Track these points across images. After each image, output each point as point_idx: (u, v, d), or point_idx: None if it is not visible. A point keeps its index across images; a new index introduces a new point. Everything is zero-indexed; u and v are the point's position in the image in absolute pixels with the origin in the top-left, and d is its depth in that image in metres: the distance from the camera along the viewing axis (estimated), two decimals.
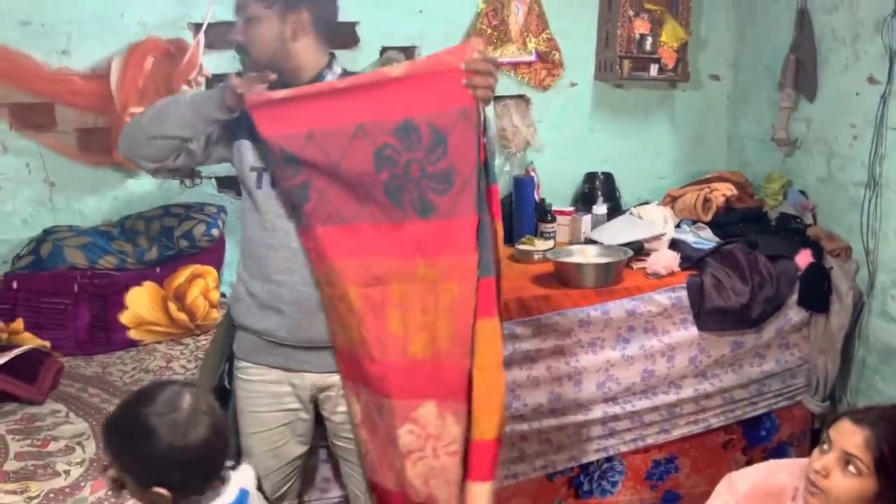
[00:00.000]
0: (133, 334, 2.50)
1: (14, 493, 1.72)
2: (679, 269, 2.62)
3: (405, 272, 1.72)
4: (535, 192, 3.03)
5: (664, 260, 2.60)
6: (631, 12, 3.04)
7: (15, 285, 2.46)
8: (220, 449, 1.44)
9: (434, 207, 1.67)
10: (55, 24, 2.58)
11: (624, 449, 2.63)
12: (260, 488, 1.60)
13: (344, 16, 2.16)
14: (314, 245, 1.79)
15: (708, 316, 2.55)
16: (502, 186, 3.07)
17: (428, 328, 1.72)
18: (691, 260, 2.66)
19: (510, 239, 2.92)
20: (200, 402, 1.40)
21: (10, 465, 1.83)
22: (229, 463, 1.52)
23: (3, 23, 2.53)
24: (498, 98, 3.10)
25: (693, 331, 2.56)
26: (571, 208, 3.06)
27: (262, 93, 1.74)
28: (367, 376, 1.79)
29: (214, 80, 2.72)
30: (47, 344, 2.42)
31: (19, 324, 2.43)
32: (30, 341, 2.40)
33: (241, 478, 1.56)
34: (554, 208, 2.97)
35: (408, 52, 2.95)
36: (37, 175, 2.67)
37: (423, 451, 1.74)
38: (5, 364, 2.16)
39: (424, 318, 1.72)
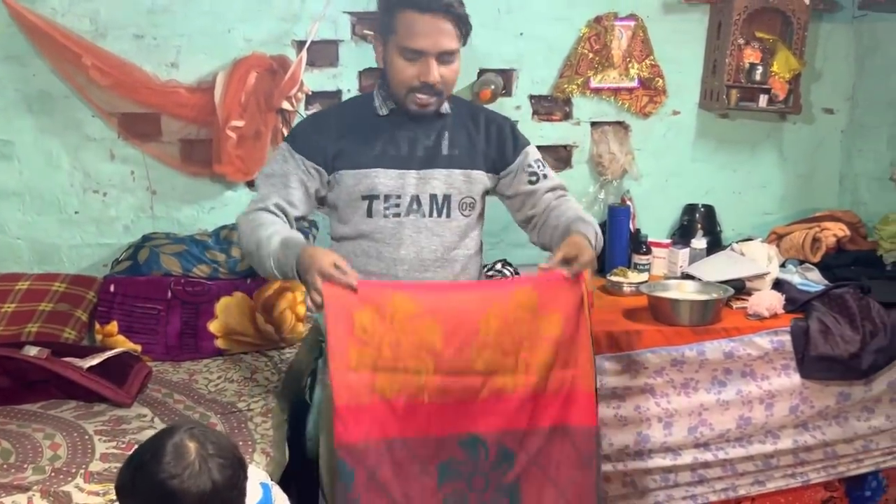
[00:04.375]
0: (220, 343, 2.53)
1: (97, 494, 1.75)
2: (783, 312, 2.46)
3: None
4: (631, 223, 2.93)
5: (767, 301, 2.45)
6: (741, 40, 2.91)
7: (112, 289, 2.54)
8: (240, 478, 1.40)
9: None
10: (167, 37, 2.67)
11: (713, 498, 2.49)
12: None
13: None
14: None
15: (813, 363, 2.39)
16: (596, 215, 3.03)
17: None
18: (796, 302, 2.50)
19: (602, 270, 2.84)
20: (205, 444, 1.34)
21: (95, 466, 1.86)
22: None
23: (119, 35, 2.64)
24: (596, 124, 3.03)
25: (795, 378, 2.41)
26: (668, 241, 2.93)
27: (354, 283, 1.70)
28: None
29: (314, 98, 2.77)
30: (138, 348, 2.48)
31: (114, 326, 2.50)
32: (122, 344, 2.47)
33: (257, 474, 1.57)
34: (650, 240, 2.86)
35: (506, 74, 2.92)
36: (140, 183, 2.76)
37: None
38: (97, 365, 2.22)
39: None
